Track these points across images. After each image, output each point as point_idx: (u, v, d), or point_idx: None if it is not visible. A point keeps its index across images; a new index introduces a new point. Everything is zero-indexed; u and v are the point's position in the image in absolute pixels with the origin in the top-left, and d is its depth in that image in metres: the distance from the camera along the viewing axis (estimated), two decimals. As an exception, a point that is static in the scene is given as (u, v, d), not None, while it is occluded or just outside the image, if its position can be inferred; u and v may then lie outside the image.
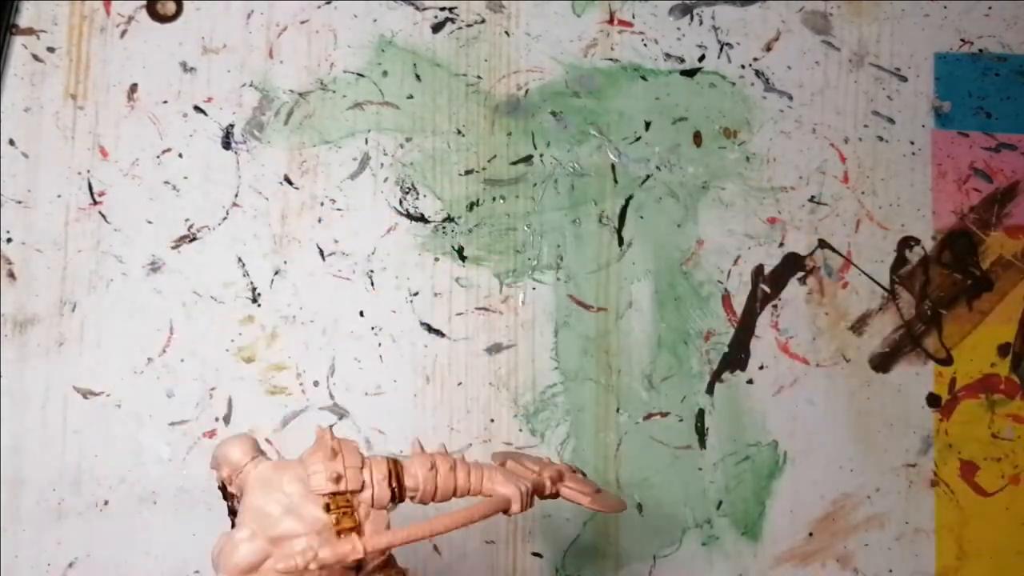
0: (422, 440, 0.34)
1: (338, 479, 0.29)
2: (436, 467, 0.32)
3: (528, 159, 0.52)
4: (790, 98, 0.53)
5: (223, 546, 0.29)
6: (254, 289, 0.50)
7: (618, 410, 0.51)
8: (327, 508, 0.29)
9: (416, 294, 0.50)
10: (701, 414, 0.51)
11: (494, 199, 0.51)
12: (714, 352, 0.51)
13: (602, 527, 0.50)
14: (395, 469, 0.31)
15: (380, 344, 0.50)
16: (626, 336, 0.51)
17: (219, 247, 0.50)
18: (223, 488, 0.30)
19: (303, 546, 0.28)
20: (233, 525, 0.30)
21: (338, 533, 0.29)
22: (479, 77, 0.52)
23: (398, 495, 0.31)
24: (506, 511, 0.32)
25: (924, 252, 0.53)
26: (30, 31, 0.51)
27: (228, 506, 0.30)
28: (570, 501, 0.35)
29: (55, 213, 0.50)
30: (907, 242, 0.53)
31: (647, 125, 0.52)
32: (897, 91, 0.53)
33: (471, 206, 0.51)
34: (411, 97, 0.52)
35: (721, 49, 0.53)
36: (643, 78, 0.53)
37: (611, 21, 0.53)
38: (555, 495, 0.35)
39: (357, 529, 0.29)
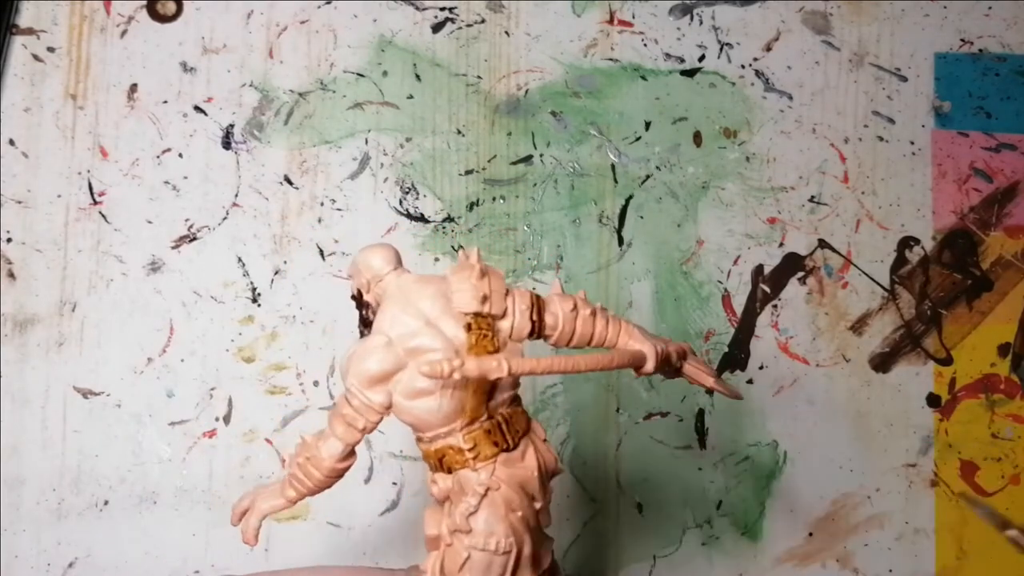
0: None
1: (484, 300, 0.28)
2: (578, 309, 0.31)
3: (528, 159, 0.52)
4: (790, 98, 0.53)
5: (356, 351, 0.27)
6: (254, 289, 0.50)
7: (618, 410, 0.51)
8: (468, 327, 0.28)
9: (416, 294, 0.50)
10: (701, 414, 0.51)
11: (494, 199, 0.51)
12: (714, 352, 0.51)
13: (602, 527, 0.50)
14: (537, 303, 0.30)
15: (380, 344, 0.50)
16: (626, 336, 0.51)
17: (219, 247, 0.50)
18: (358, 297, 0.29)
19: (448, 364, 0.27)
20: (362, 335, 0.29)
21: (476, 355, 0.28)
22: (479, 77, 0.52)
23: (537, 329, 0.30)
24: (639, 367, 0.31)
25: (924, 252, 0.53)
26: (30, 31, 0.51)
27: (361, 315, 0.29)
28: (691, 380, 0.34)
29: (55, 213, 0.50)
30: (907, 242, 0.53)
31: (647, 125, 0.52)
32: (897, 91, 0.53)
33: (471, 206, 0.51)
34: (411, 97, 0.52)
35: (721, 49, 0.53)
36: (643, 78, 0.53)
37: (611, 21, 0.53)
38: (679, 371, 0.34)
39: (495, 354, 0.28)
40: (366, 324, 0.29)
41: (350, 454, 0.28)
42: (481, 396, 0.28)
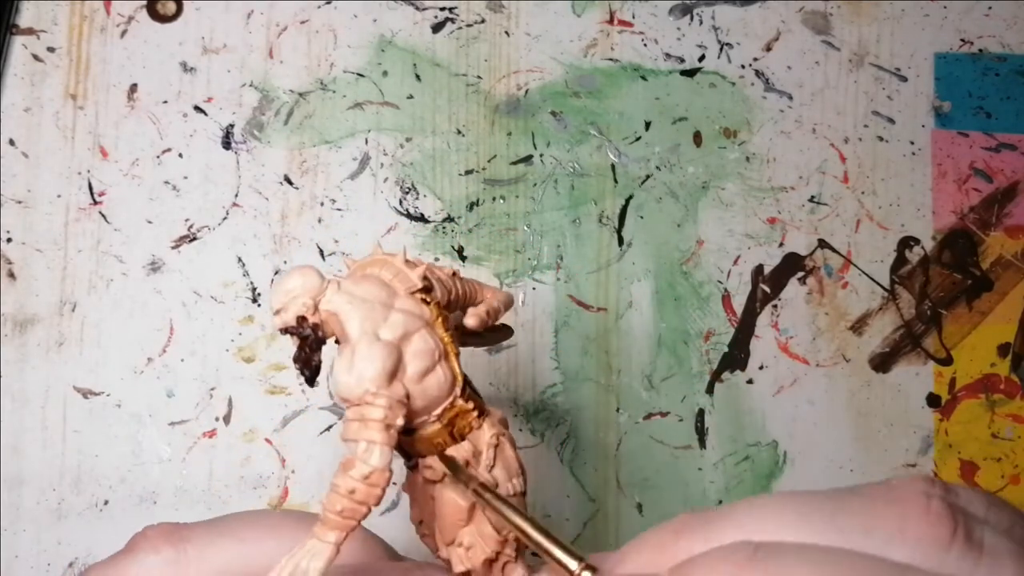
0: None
1: (424, 278, 0.28)
2: (455, 276, 0.30)
3: (528, 159, 0.52)
4: (790, 98, 0.53)
5: (350, 362, 0.26)
6: (254, 289, 0.50)
7: (618, 410, 0.51)
8: (425, 302, 0.27)
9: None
10: (701, 414, 0.51)
11: (494, 199, 0.51)
12: (714, 352, 0.51)
13: (602, 527, 0.50)
14: (434, 272, 0.29)
15: (380, 344, 0.50)
16: (626, 336, 0.51)
17: (219, 247, 0.50)
18: (298, 325, 0.27)
19: (431, 336, 0.26)
20: (306, 365, 0.27)
21: (441, 323, 0.27)
22: (479, 77, 0.52)
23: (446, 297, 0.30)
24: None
25: (924, 252, 0.53)
26: (30, 31, 0.51)
27: (308, 342, 0.27)
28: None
29: (55, 213, 0.50)
30: (907, 242, 0.53)
31: (647, 125, 0.52)
32: (897, 91, 0.53)
33: (471, 206, 0.51)
34: (411, 97, 0.52)
35: (721, 49, 0.53)
36: (643, 78, 0.53)
37: (611, 21, 0.53)
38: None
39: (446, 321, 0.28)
40: (314, 349, 0.27)
41: None
42: (459, 359, 0.28)
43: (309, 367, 0.27)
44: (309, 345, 0.27)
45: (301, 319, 0.27)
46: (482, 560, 0.27)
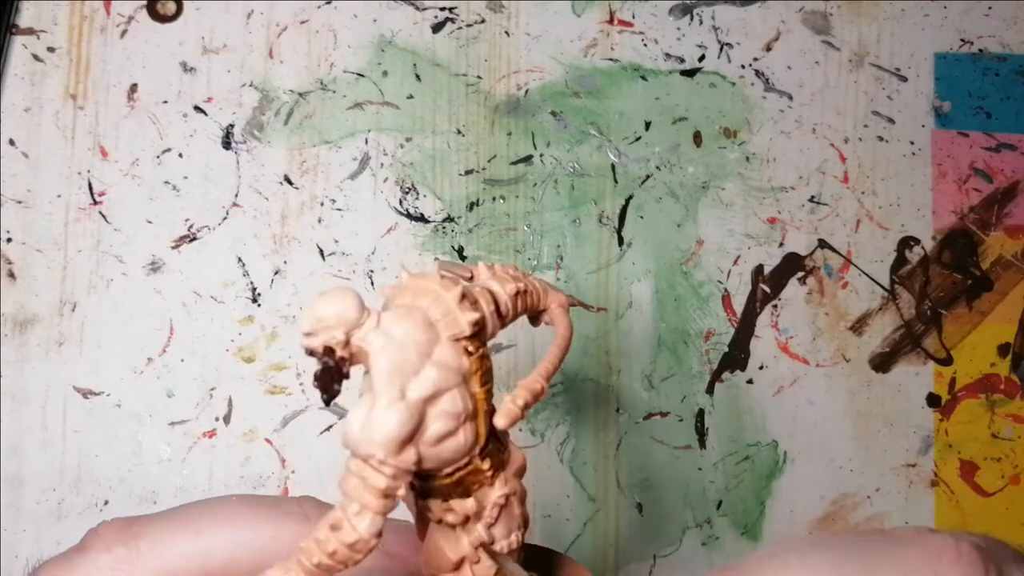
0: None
1: (476, 324, 0.25)
2: (518, 294, 0.28)
3: (528, 159, 0.52)
4: (790, 98, 0.53)
5: (368, 418, 0.24)
6: (254, 289, 0.50)
7: (618, 410, 0.51)
8: (467, 352, 0.25)
9: (416, 294, 0.50)
10: (701, 414, 0.51)
11: (494, 199, 0.51)
12: (714, 352, 0.51)
13: (602, 527, 0.50)
14: (496, 303, 0.27)
15: (380, 344, 0.50)
16: (626, 336, 0.51)
17: (219, 247, 0.50)
18: (327, 354, 0.25)
19: (462, 397, 0.24)
20: (330, 395, 0.25)
21: (479, 378, 0.25)
22: (479, 77, 0.52)
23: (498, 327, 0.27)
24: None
25: (924, 252, 0.53)
26: (30, 31, 0.51)
27: (330, 373, 0.25)
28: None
29: (55, 213, 0.50)
30: (907, 242, 0.53)
31: (647, 125, 0.52)
32: (897, 91, 0.53)
33: (471, 206, 0.51)
34: (411, 97, 0.52)
35: (721, 49, 0.53)
36: (643, 78, 0.53)
37: (611, 21, 0.53)
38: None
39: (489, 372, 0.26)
40: (338, 381, 0.25)
41: None
42: (488, 417, 0.26)
43: (328, 392, 0.25)
44: (331, 374, 0.25)
45: (329, 349, 0.24)
46: None
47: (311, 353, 0.25)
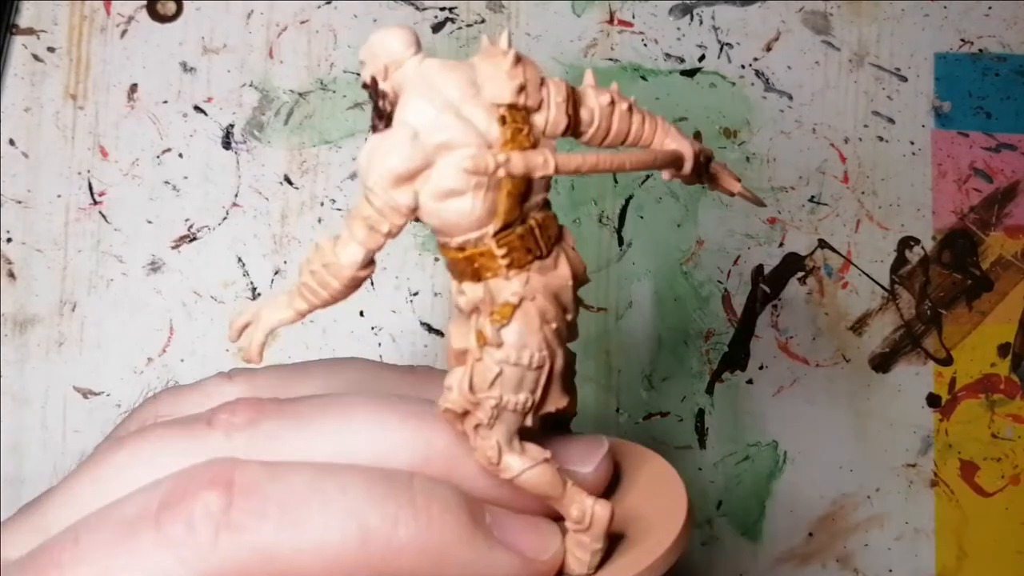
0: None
1: (520, 90, 0.24)
2: (615, 103, 0.27)
3: (528, 159, 0.52)
4: (790, 98, 0.53)
5: (378, 145, 0.24)
6: (254, 289, 0.50)
7: (618, 410, 0.51)
8: (502, 120, 0.24)
9: (416, 294, 0.50)
10: (701, 414, 0.51)
11: (494, 199, 0.51)
12: (714, 352, 0.51)
13: (602, 527, 0.50)
14: (573, 95, 0.26)
15: (380, 344, 0.50)
16: (626, 336, 0.51)
17: (219, 247, 0.50)
18: (373, 85, 0.25)
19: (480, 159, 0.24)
20: (374, 129, 0.25)
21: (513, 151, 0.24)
22: (479, 77, 0.52)
23: (572, 125, 0.26)
24: (679, 167, 0.28)
25: (924, 252, 0.53)
26: (30, 31, 0.51)
27: (375, 105, 0.25)
28: (715, 185, 0.31)
29: (55, 213, 0.50)
30: (907, 242, 0.53)
31: (647, 125, 0.52)
32: (897, 91, 0.53)
33: (471, 206, 0.51)
34: (411, 97, 0.52)
35: (721, 49, 0.53)
36: (643, 78, 0.53)
37: (611, 21, 0.53)
38: (706, 173, 0.30)
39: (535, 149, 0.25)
40: (381, 116, 0.25)
41: (370, 262, 0.26)
42: (516, 197, 0.25)
43: (372, 127, 0.25)
44: (376, 109, 0.25)
45: (374, 80, 0.25)
46: (453, 411, 0.25)
47: (364, 86, 0.25)
